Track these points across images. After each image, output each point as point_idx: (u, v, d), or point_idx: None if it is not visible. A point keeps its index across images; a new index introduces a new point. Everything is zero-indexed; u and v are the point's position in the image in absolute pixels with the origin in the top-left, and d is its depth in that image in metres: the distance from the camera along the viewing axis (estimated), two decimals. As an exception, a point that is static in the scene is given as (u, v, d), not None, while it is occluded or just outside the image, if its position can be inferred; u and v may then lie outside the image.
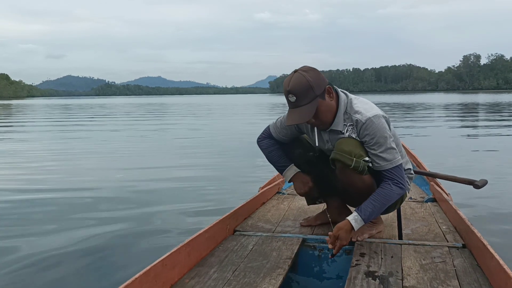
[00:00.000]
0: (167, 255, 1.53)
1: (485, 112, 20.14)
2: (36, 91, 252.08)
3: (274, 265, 1.70)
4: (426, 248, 1.88)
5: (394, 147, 1.92)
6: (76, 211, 3.71)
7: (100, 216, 3.56)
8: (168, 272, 1.52)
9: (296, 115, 1.91)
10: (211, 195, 4.24)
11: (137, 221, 3.39)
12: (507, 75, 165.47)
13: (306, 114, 1.89)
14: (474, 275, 1.60)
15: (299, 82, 1.88)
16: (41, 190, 4.55)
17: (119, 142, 9.35)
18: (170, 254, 1.55)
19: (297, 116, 1.90)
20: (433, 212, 2.48)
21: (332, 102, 1.97)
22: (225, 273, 1.62)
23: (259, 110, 25.39)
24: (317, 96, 1.89)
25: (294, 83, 1.88)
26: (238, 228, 2.17)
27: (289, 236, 2.05)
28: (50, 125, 15.35)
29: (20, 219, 3.52)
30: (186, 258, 1.65)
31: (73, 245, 2.88)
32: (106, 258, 2.65)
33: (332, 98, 1.96)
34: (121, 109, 30.29)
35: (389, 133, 1.92)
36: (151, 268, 1.42)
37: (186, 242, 1.67)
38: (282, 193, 2.89)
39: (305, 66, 1.97)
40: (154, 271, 1.43)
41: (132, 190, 4.49)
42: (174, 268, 1.56)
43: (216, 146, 8.46)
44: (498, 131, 11.21)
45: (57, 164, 6.44)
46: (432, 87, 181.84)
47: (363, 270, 1.64)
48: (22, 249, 2.82)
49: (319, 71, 1.96)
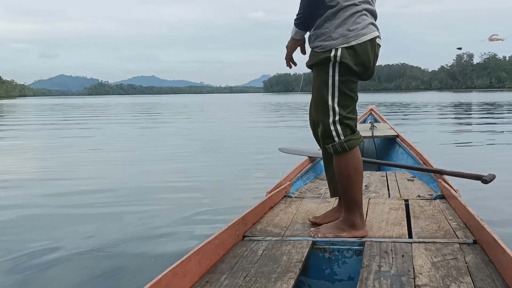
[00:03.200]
0: (177, 263, 1.53)
1: (486, 111, 20.04)
2: (28, 90, 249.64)
3: (285, 269, 1.70)
4: (437, 246, 1.87)
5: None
6: (76, 220, 3.71)
7: (105, 223, 3.56)
8: (180, 281, 1.52)
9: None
10: (219, 201, 4.24)
11: (143, 229, 3.39)
12: (500, 74, 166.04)
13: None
14: (486, 271, 1.59)
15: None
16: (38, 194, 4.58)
17: (125, 143, 9.38)
18: (181, 262, 1.55)
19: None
20: (442, 209, 2.47)
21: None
22: (236, 279, 1.62)
23: (258, 110, 25.36)
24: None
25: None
26: (247, 234, 2.16)
27: (299, 239, 2.04)
28: (34, 125, 15.23)
29: (23, 226, 3.53)
30: (197, 266, 1.65)
31: (78, 255, 2.89)
32: (115, 268, 2.65)
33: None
34: (115, 109, 30.08)
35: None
36: (162, 277, 1.42)
37: (196, 250, 1.68)
38: (290, 197, 2.89)
39: None
40: (165, 280, 1.43)
41: (133, 197, 4.49)
42: (185, 277, 1.56)
43: (220, 151, 8.46)
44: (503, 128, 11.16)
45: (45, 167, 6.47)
46: (426, 86, 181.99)
47: (375, 271, 1.63)
48: (25, 254, 2.83)
49: None
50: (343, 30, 1.90)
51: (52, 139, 10.53)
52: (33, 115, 23.87)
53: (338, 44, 1.89)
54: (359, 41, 1.90)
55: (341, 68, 1.92)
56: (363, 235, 2.01)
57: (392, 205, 2.59)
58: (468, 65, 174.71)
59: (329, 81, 1.94)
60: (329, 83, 1.94)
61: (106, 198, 4.45)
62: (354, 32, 1.90)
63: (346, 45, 1.89)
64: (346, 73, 1.92)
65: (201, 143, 9.49)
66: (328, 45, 1.90)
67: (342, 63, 1.90)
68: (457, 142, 8.27)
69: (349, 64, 1.90)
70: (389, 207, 2.54)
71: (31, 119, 19.50)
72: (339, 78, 1.93)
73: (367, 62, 1.95)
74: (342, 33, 1.90)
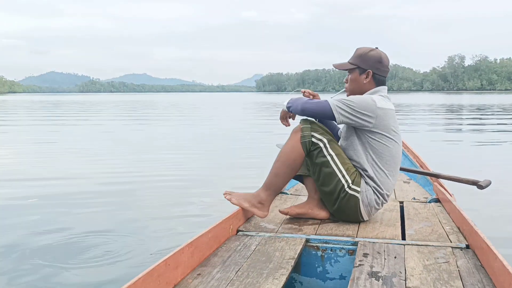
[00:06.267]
0: (170, 255, 1.54)
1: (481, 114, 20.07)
2: (18, 87, 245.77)
3: (277, 265, 1.70)
4: (430, 249, 1.88)
5: (348, 103, 2.13)
6: (70, 215, 3.72)
7: (99, 217, 3.56)
8: (171, 272, 1.52)
9: (341, 63, 2.35)
10: (213, 195, 4.24)
11: (137, 223, 3.39)
12: (491, 76, 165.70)
13: (344, 65, 2.31)
14: (477, 275, 1.60)
15: (363, 49, 2.28)
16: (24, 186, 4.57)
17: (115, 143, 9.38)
18: (174, 254, 1.55)
19: (340, 63, 2.35)
20: (437, 212, 2.48)
21: (364, 83, 2.26)
22: (228, 273, 1.63)
23: (256, 111, 25.37)
24: (358, 66, 2.26)
25: (361, 48, 2.30)
26: (241, 228, 2.17)
27: (292, 236, 2.05)
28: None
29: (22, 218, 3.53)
30: (190, 258, 1.66)
31: (72, 244, 2.89)
32: (108, 259, 2.65)
33: (366, 81, 2.26)
34: (97, 107, 29.69)
35: (360, 100, 2.14)
36: (155, 268, 1.42)
37: (189, 242, 1.68)
38: (285, 194, 2.89)
39: (380, 50, 2.31)
40: (157, 271, 1.43)
41: (130, 191, 4.49)
42: (177, 268, 1.56)
43: (217, 146, 8.46)
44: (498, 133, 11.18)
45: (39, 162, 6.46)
46: (417, 87, 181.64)
47: (366, 271, 1.64)
48: (19, 246, 2.83)
49: (382, 58, 2.27)
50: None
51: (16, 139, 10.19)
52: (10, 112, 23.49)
53: None
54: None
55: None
56: (260, 216, 2.22)
57: (387, 206, 2.59)
58: (459, 67, 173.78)
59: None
60: None
61: (94, 200, 4.45)
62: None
63: None
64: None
65: (196, 139, 9.48)
66: None
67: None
68: (452, 145, 8.29)
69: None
70: (383, 208, 2.54)
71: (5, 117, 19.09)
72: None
73: None
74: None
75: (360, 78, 2.27)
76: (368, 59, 2.25)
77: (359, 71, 2.27)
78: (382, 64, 2.26)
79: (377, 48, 2.31)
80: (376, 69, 2.25)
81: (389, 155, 2.18)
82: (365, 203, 2.18)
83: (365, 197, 2.18)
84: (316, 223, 2.27)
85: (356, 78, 2.28)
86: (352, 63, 2.29)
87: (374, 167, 2.18)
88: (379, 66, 2.26)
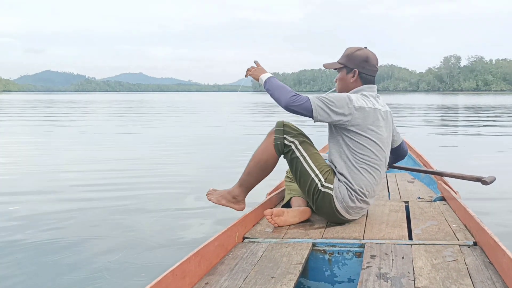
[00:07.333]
0: (177, 265, 1.53)
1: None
2: (13, 85, 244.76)
3: (284, 271, 1.69)
4: (437, 248, 1.87)
5: (326, 101, 2.15)
6: (72, 224, 3.71)
7: (102, 225, 3.54)
8: (179, 282, 1.52)
9: (331, 62, 2.42)
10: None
11: (142, 232, 3.38)
12: (487, 77, 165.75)
13: (332, 65, 2.38)
14: (486, 272, 1.59)
15: (351, 48, 2.34)
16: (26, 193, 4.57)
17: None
18: (181, 264, 1.55)
19: (330, 63, 2.42)
20: (442, 210, 2.47)
21: (351, 82, 2.31)
22: (236, 281, 1.62)
23: (255, 111, 25.33)
24: (345, 65, 2.31)
25: (350, 48, 2.36)
26: (247, 235, 2.16)
27: (299, 241, 2.04)
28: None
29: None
30: (197, 268, 1.65)
31: (76, 255, 2.88)
32: (114, 269, 2.64)
33: (353, 79, 2.30)
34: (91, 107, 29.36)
35: (337, 98, 2.17)
36: (162, 279, 1.42)
37: (196, 252, 1.67)
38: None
39: (368, 49, 2.35)
40: (165, 281, 1.43)
41: (130, 200, 4.48)
42: (185, 278, 1.56)
43: (218, 152, 8.44)
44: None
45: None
46: (413, 87, 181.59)
47: (375, 272, 1.63)
48: (24, 257, 2.83)
49: (369, 58, 2.30)
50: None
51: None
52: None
53: None
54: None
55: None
56: (238, 209, 2.36)
57: (392, 207, 2.59)
58: (455, 67, 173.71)
59: None
60: None
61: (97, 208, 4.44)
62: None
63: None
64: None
65: (200, 142, 9.47)
66: None
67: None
68: (451, 145, 8.28)
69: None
70: (389, 209, 2.53)
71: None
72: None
73: None
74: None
75: (347, 77, 2.32)
76: (355, 58, 2.29)
77: (346, 70, 2.32)
78: (369, 63, 2.30)
79: (365, 47, 2.35)
80: (362, 68, 2.28)
81: (364, 153, 2.19)
82: (339, 199, 2.20)
83: (339, 193, 2.20)
84: (322, 226, 2.27)
85: (344, 77, 2.33)
86: (340, 62, 2.35)
87: (347, 163, 2.20)
88: (365, 65, 2.29)
